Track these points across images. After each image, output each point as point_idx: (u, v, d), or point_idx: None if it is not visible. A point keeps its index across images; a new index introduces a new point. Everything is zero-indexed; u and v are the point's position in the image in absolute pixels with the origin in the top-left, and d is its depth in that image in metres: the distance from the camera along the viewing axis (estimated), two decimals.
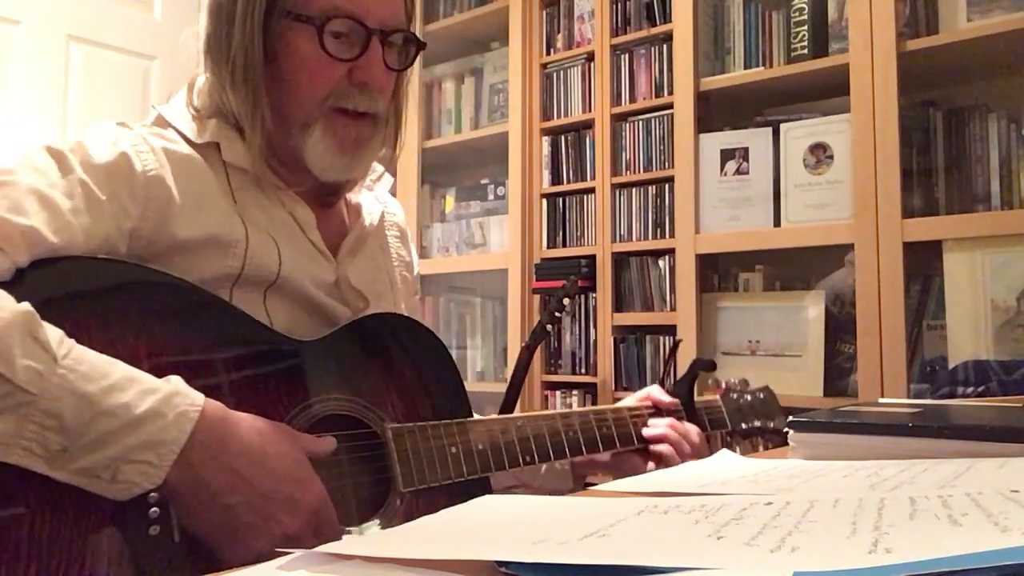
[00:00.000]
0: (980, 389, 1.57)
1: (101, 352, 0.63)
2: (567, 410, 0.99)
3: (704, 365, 1.13)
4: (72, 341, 0.61)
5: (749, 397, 1.19)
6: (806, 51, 2.01)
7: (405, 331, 0.87)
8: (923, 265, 1.83)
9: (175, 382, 0.64)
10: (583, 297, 2.40)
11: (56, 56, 2.69)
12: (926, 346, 1.84)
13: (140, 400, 0.60)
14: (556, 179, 2.53)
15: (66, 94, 2.70)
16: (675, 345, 1.63)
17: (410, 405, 0.84)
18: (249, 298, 0.79)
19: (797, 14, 2.03)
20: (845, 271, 1.95)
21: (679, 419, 1.06)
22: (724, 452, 0.72)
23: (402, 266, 1.03)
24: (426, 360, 0.87)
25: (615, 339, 2.33)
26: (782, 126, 2.05)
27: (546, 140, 2.55)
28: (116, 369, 0.61)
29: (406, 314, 0.91)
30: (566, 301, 2.18)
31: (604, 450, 0.99)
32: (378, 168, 1.02)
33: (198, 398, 0.63)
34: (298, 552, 0.38)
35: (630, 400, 1.09)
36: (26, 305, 0.60)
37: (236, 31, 0.82)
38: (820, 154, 1.97)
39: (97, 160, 0.74)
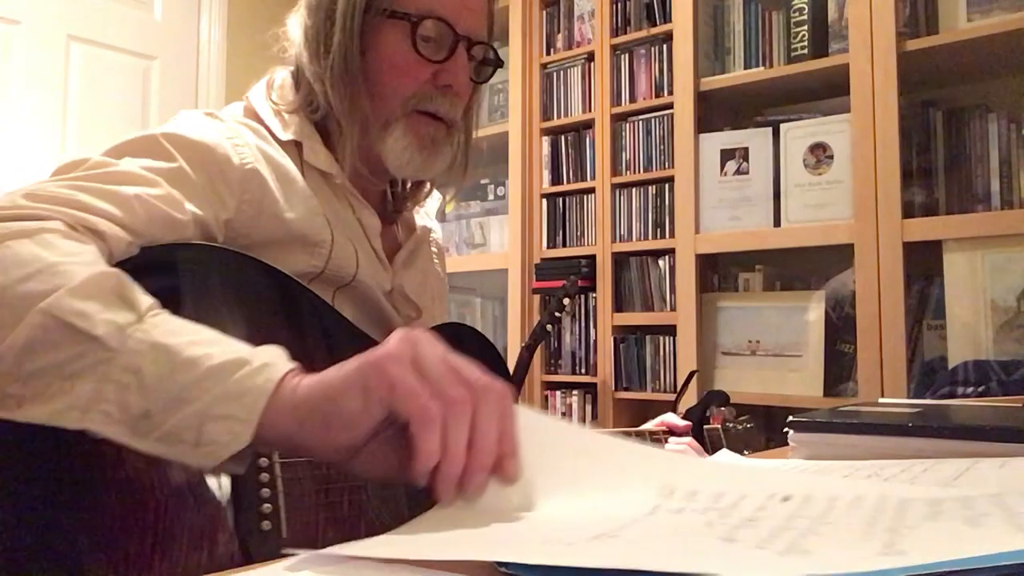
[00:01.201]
0: (980, 389, 1.57)
1: None
2: (595, 430, 1.02)
3: (717, 398, 1.17)
4: (159, 304, 0.56)
5: (740, 428, 1.23)
6: (806, 51, 2.01)
7: (476, 343, 0.90)
8: (923, 265, 1.83)
9: (267, 346, 0.56)
10: (583, 297, 2.40)
11: (56, 56, 2.69)
12: (926, 346, 1.84)
13: (227, 350, 0.53)
14: (556, 179, 2.53)
15: (66, 94, 2.70)
16: (689, 376, 1.66)
17: None
18: (320, 295, 0.80)
19: (797, 14, 2.03)
20: (849, 273, 1.95)
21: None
22: (724, 452, 0.72)
23: (439, 283, 1.06)
24: (493, 371, 0.92)
25: (615, 339, 2.33)
26: (782, 126, 2.05)
27: (546, 140, 2.55)
28: (206, 331, 0.55)
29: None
30: (566, 301, 2.18)
31: None
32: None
33: (286, 356, 0.55)
34: (303, 553, 0.38)
35: (648, 425, 1.13)
36: (112, 268, 0.57)
37: (337, 29, 0.83)
38: (820, 154, 1.97)
39: (196, 150, 0.74)
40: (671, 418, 1.13)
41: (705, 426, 1.15)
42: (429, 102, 0.86)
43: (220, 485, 0.64)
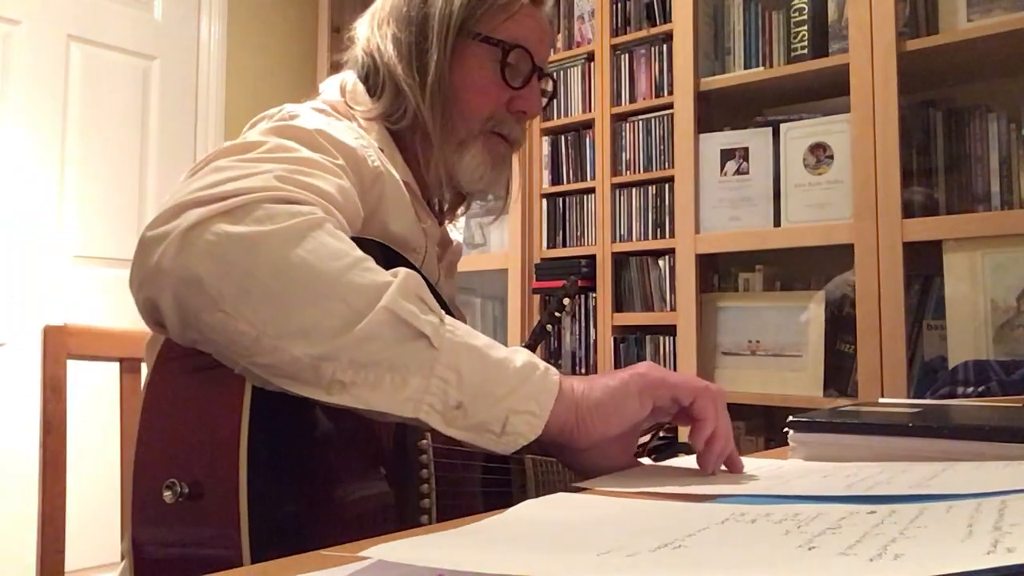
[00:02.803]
0: (980, 389, 1.57)
1: None
2: None
3: (684, 449, 1.22)
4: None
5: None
6: (806, 51, 2.01)
7: None
8: (923, 265, 1.83)
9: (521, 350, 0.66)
10: (583, 297, 2.40)
11: (56, 56, 2.69)
12: (926, 346, 1.84)
13: (514, 356, 0.62)
14: (556, 179, 2.53)
15: (66, 94, 2.70)
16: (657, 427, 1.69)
17: None
18: None
19: (797, 14, 2.03)
20: (846, 275, 1.95)
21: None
22: None
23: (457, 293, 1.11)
24: None
25: (615, 339, 2.33)
26: (782, 126, 2.04)
27: (546, 140, 2.55)
28: (481, 333, 0.63)
29: None
30: (566, 301, 2.17)
31: None
32: None
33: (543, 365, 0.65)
34: (369, 558, 0.37)
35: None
36: (408, 269, 0.61)
37: (433, 46, 0.86)
38: (820, 154, 1.97)
39: (345, 149, 0.76)
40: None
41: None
42: (503, 125, 0.91)
43: (390, 478, 0.67)
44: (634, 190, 2.34)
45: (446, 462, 0.71)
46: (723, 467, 0.65)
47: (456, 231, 1.09)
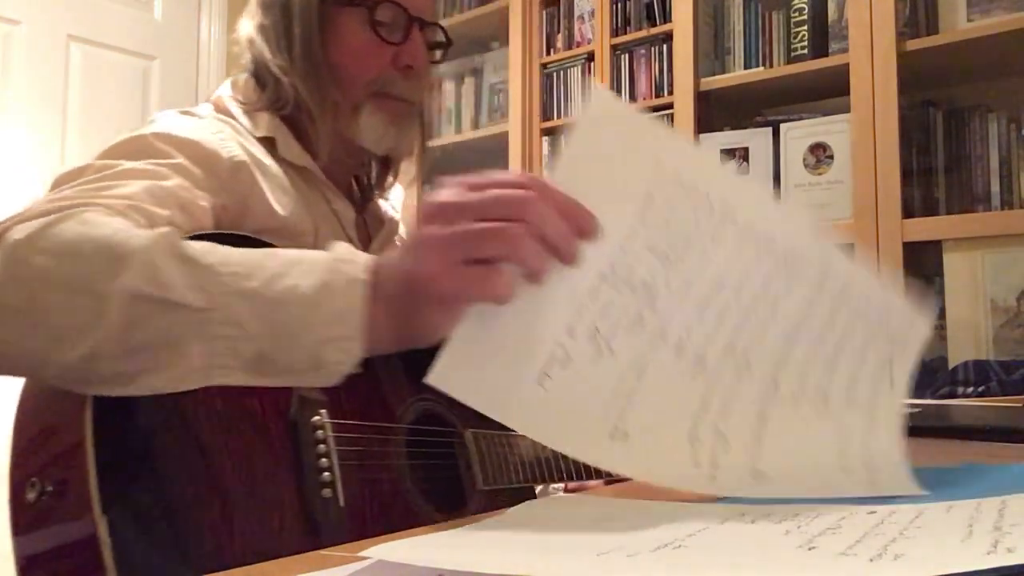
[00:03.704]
0: (980, 389, 1.57)
1: None
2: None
3: None
4: (216, 246, 0.58)
5: None
6: (806, 51, 2.01)
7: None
8: (923, 265, 1.83)
9: (339, 248, 0.59)
10: None
11: (56, 56, 2.69)
12: (926, 346, 1.84)
13: (306, 280, 0.55)
14: None
15: (66, 94, 2.70)
16: None
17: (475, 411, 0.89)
18: None
19: (797, 14, 2.03)
20: None
21: None
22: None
23: None
24: None
25: None
26: (782, 126, 2.04)
27: (546, 140, 2.55)
28: (271, 258, 0.57)
29: None
30: None
31: (597, 478, 1.02)
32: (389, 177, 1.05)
33: (361, 258, 0.58)
34: (368, 558, 0.36)
35: None
36: (163, 229, 0.58)
37: (296, 22, 0.85)
38: (820, 154, 1.97)
39: (190, 146, 0.75)
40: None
41: None
42: (392, 85, 0.88)
43: (283, 453, 0.65)
44: None
45: (351, 436, 0.70)
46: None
47: (391, 209, 1.05)
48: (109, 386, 0.55)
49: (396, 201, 1.08)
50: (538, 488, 0.99)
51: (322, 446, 0.67)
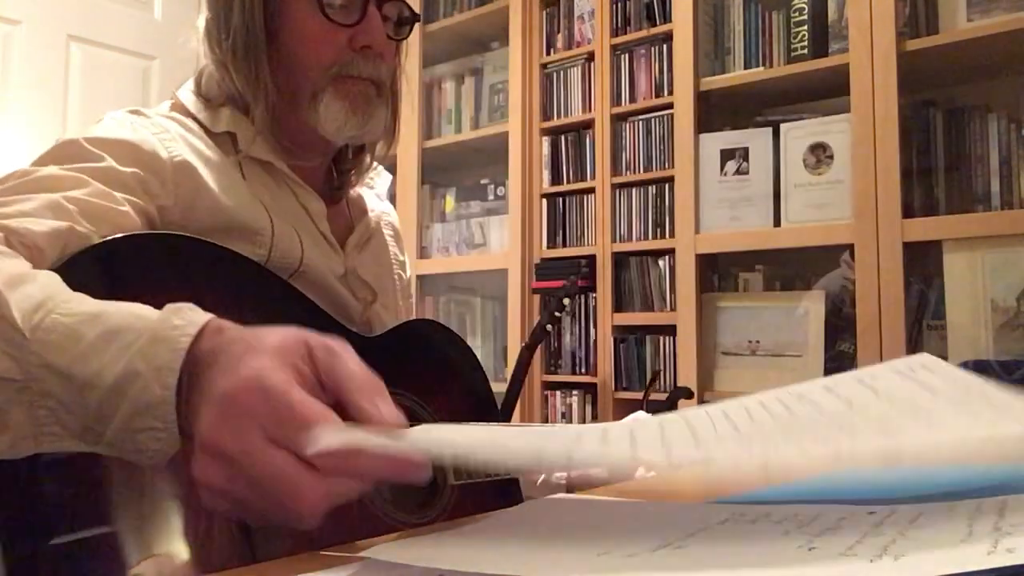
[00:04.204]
0: None
1: None
2: (571, 425, 1.03)
3: (682, 393, 1.18)
4: (60, 297, 0.53)
5: None
6: (806, 51, 2.01)
7: (444, 337, 0.94)
8: (923, 265, 1.83)
9: (164, 316, 0.51)
10: (583, 297, 2.40)
11: (56, 56, 2.69)
12: (926, 346, 1.84)
13: (116, 361, 0.50)
14: (556, 179, 2.53)
15: (66, 94, 2.70)
16: (652, 377, 1.66)
17: (451, 405, 0.88)
18: None
19: (797, 14, 2.03)
20: (841, 271, 1.95)
21: None
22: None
23: (397, 265, 1.05)
24: (463, 365, 0.94)
25: (615, 339, 2.33)
26: (782, 126, 2.04)
27: (546, 140, 2.55)
28: (96, 325, 0.51)
29: (402, 313, 0.97)
30: (566, 301, 2.18)
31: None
32: (376, 165, 1.03)
33: (184, 331, 0.50)
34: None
35: (620, 424, 1.13)
36: None
37: (235, 11, 0.83)
38: (820, 154, 1.97)
39: (122, 147, 0.74)
40: (642, 416, 1.12)
41: None
42: (351, 67, 0.85)
43: None
44: (634, 190, 2.34)
45: None
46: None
47: (374, 199, 1.03)
48: None
49: (382, 188, 1.06)
50: (539, 478, 0.98)
51: None
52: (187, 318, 0.51)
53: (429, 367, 0.89)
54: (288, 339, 0.48)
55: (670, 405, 1.17)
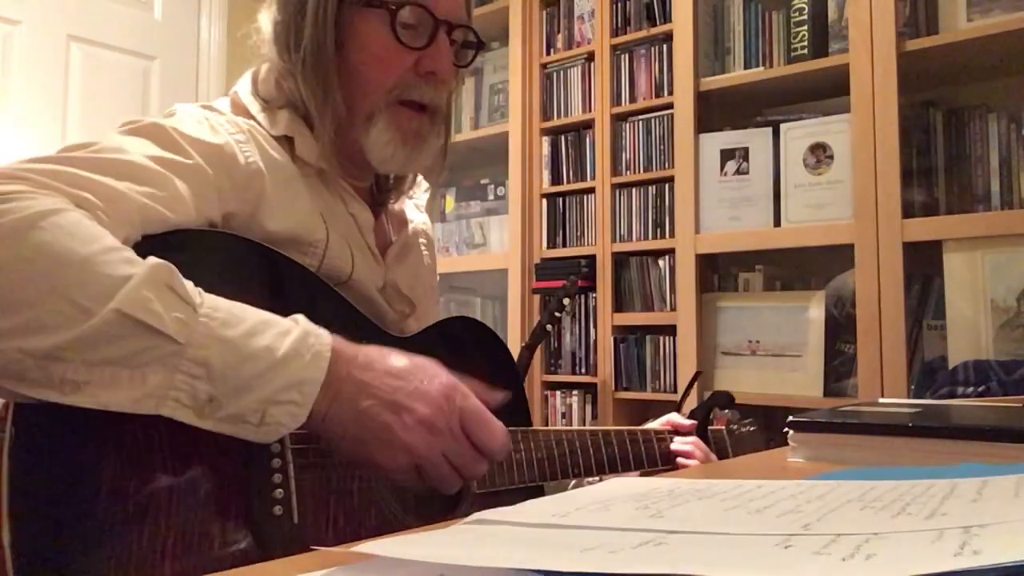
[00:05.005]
0: (980, 389, 1.57)
1: None
2: (602, 427, 1.02)
3: (722, 399, 1.18)
4: (202, 291, 0.61)
5: (744, 430, 1.23)
6: (806, 51, 2.01)
7: (484, 337, 0.93)
8: (923, 265, 1.83)
9: (303, 322, 0.64)
10: (583, 297, 2.40)
11: (56, 56, 2.69)
12: (926, 346, 1.84)
13: (279, 342, 0.60)
14: (556, 179, 2.53)
15: (66, 94, 2.70)
16: (694, 377, 1.65)
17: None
18: None
19: (797, 14, 2.03)
20: (850, 273, 1.95)
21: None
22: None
23: (430, 274, 1.05)
24: (498, 365, 0.93)
25: (615, 339, 2.33)
26: (782, 126, 2.04)
27: (546, 140, 2.55)
28: (249, 313, 0.61)
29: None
30: (566, 301, 2.18)
31: (635, 469, 1.01)
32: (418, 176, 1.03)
33: (326, 336, 0.64)
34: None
35: (654, 424, 1.12)
36: (158, 260, 0.59)
37: (308, 21, 0.82)
38: (820, 154, 1.97)
39: (208, 148, 0.74)
40: (676, 417, 1.12)
41: (709, 427, 1.15)
42: (413, 91, 0.84)
43: (233, 472, 0.65)
44: (634, 190, 2.34)
45: (310, 447, 0.69)
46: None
47: (412, 209, 1.03)
48: (46, 390, 0.54)
49: (422, 199, 1.05)
50: (571, 483, 0.98)
51: (277, 460, 0.67)
52: (317, 329, 0.64)
53: (465, 367, 0.89)
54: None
55: (707, 411, 1.16)
